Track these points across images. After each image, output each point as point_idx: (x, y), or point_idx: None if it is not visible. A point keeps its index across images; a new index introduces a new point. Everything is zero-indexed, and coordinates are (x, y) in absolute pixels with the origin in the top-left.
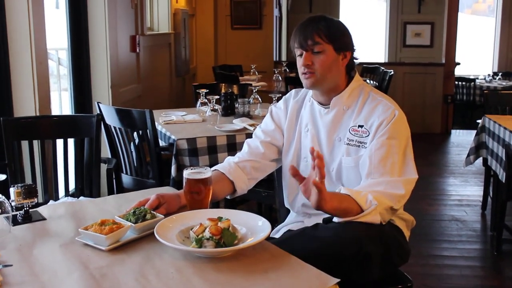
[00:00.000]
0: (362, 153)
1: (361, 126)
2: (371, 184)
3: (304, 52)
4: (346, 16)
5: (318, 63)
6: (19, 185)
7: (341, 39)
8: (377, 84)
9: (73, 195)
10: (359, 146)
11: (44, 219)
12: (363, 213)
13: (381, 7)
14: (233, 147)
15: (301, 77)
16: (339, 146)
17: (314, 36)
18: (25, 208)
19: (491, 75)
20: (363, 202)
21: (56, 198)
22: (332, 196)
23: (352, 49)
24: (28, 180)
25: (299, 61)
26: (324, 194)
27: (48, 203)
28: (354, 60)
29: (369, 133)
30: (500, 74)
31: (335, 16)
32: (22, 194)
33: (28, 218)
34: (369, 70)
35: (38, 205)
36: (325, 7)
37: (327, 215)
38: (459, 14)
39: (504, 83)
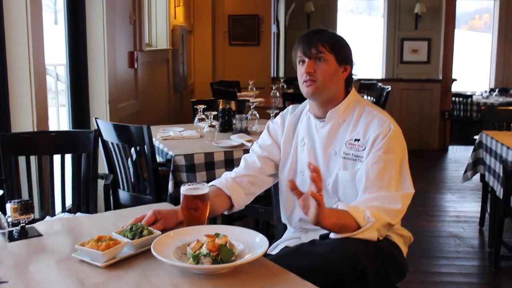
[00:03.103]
0: (358, 167)
1: (357, 140)
2: (368, 199)
3: (307, 60)
4: (344, 32)
5: (320, 71)
6: (16, 200)
7: (343, 52)
8: (374, 100)
9: (70, 211)
10: (355, 159)
11: (40, 235)
12: (360, 230)
13: (378, 24)
14: (230, 163)
15: (302, 85)
16: (336, 160)
17: (318, 45)
18: (22, 224)
19: (488, 91)
20: (361, 218)
21: (53, 214)
22: (331, 212)
23: (351, 64)
24: (25, 195)
25: (301, 69)
26: (322, 208)
27: (45, 219)
28: (353, 76)
29: (365, 147)
30: (497, 90)
31: None
32: (18, 209)
33: (24, 234)
34: (367, 86)
35: (34, 221)
36: (323, 23)
37: (324, 231)
38: (456, 30)
39: (501, 99)
